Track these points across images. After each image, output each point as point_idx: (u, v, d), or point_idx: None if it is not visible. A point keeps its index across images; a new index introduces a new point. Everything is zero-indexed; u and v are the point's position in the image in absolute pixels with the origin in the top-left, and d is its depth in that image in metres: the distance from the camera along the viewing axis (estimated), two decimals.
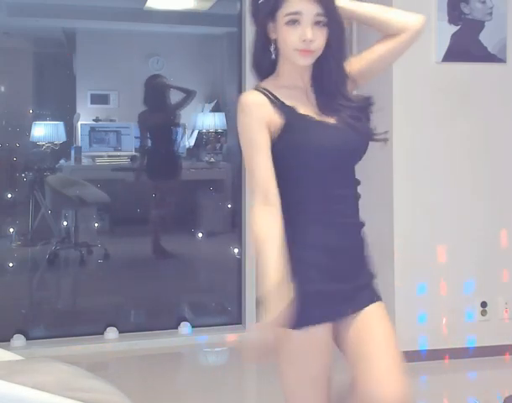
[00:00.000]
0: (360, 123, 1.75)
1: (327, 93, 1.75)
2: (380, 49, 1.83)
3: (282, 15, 1.65)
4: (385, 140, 1.80)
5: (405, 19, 1.82)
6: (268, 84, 1.77)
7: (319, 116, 1.73)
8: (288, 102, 1.72)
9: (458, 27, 3.65)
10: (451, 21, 3.65)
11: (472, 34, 3.69)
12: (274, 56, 1.73)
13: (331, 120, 1.73)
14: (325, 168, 1.73)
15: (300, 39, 1.64)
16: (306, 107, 1.73)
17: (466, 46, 3.69)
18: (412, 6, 3.60)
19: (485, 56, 3.71)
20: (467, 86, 3.71)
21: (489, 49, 3.71)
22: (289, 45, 1.66)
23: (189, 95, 5.50)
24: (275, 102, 1.71)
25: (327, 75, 1.73)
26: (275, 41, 1.71)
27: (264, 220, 1.64)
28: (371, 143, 1.78)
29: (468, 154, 3.76)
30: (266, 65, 1.77)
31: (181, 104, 5.53)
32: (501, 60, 3.73)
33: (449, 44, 3.64)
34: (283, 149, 1.69)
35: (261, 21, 1.71)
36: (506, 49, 3.73)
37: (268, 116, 1.69)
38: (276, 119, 1.69)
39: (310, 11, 1.63)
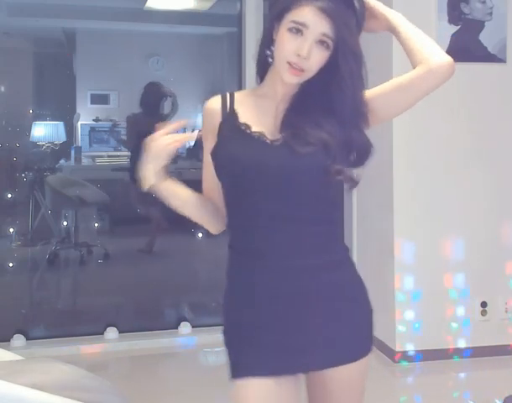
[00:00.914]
0: (314, 152, 1.50)
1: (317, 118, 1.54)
2: (398, 80, 1.60)
3: (288, 20, 1.51)
4: (352, 184, 1.56)
5: (430, 52, 1.58)
6: (245, 90, 1.69)
7: (269, 130, 1.56)
8: (238, 109, 1.60)
9: (458, 27, 3.65)
10: (451, 21, 3.65)
11: (472, 34, 3.69)
12: (271, 59, 1.57)
13: (279, 140, 1.54)
14: (247, 190, 1.54)
15: (294, 52, 1.49)
16: (262, 119, 1.58)
17: (466, 46, 3.69)
18: (412, 6, 3.62)
19: (485, 56, 3.71)
20: (467, 86, 3.71)
21: (489, 49, 3.71)
22: (283, 53, 1.51)
23: (173, 110, 5.52)
24: (226, 108, 1.61)
25: (340, 104, 1.54)
26: (274, 43, 1.56)
27: None
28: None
29: (468, 154, 3.76)
30: (264, 68, 1.63)
31: (166, 117, 5.57)
32: (501, 60, 3.73)
33: (449, 44, 3.63)
34: (212, 157, 1.60)
35: (271, 18, 1.57)
36: (506, 49, 3.73)
37: (213, 123, 1.60)
38: (217, 126, 1.60)
39: (318, 28, 1.48)
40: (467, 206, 3.76)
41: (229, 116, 1.59)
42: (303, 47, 1.48)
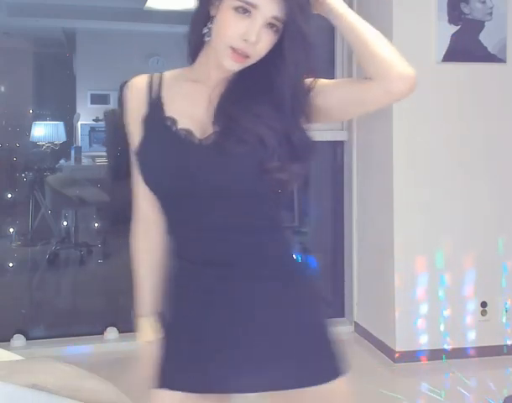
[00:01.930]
0: (249, 151, 1.30)
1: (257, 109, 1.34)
2: (345, 88, 1.40)
3: None
4: (299, 181, 1.39)
5: (391, 63, 1.29)
6: (175, 71, 1.46)
7: (200, 124, 1.36)
8: (165, 97, 1.39)
9: (458, 27, 3.65)
10: (451, 21, 3.65)
11: (472, 33, 3.69)
12: (206, 38, 1.36)
13: (209, 137, 1.34)
14: (173, 200, 1.39)
15: (241, 36, 1.27)
16: (192, 110, 1.37)
17: (466, 46, 3.69)
18: (412, 6, 3.62)
19: (485, 56, 3.71)
20: (467, 86, 3.71)
21: (489, 49, 3.71)
22: (227, 37, 1.29)
23: None
24: (151, 93, 1.40)
25: (279, 92, 1.33)
26: (213, 19, 1.33)
27: (134, 241, 1.57)
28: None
29: (468, 154, 3.76)
30: (197, 47, 1.40)
31: None
32: (501, 60, 3.73)
33: (449, 44, 3.64)
34: (135, 156, 1.42)
35: None
36: (506, 49, 3.73)
37: (137, 109, 1.41)
38: (141, 114, 1.40)
39: (268, 10, 1.27)
40: (467, 206, 3.76)
41: (154, 106, 1.39)
42: (251, 31, 1.27)
